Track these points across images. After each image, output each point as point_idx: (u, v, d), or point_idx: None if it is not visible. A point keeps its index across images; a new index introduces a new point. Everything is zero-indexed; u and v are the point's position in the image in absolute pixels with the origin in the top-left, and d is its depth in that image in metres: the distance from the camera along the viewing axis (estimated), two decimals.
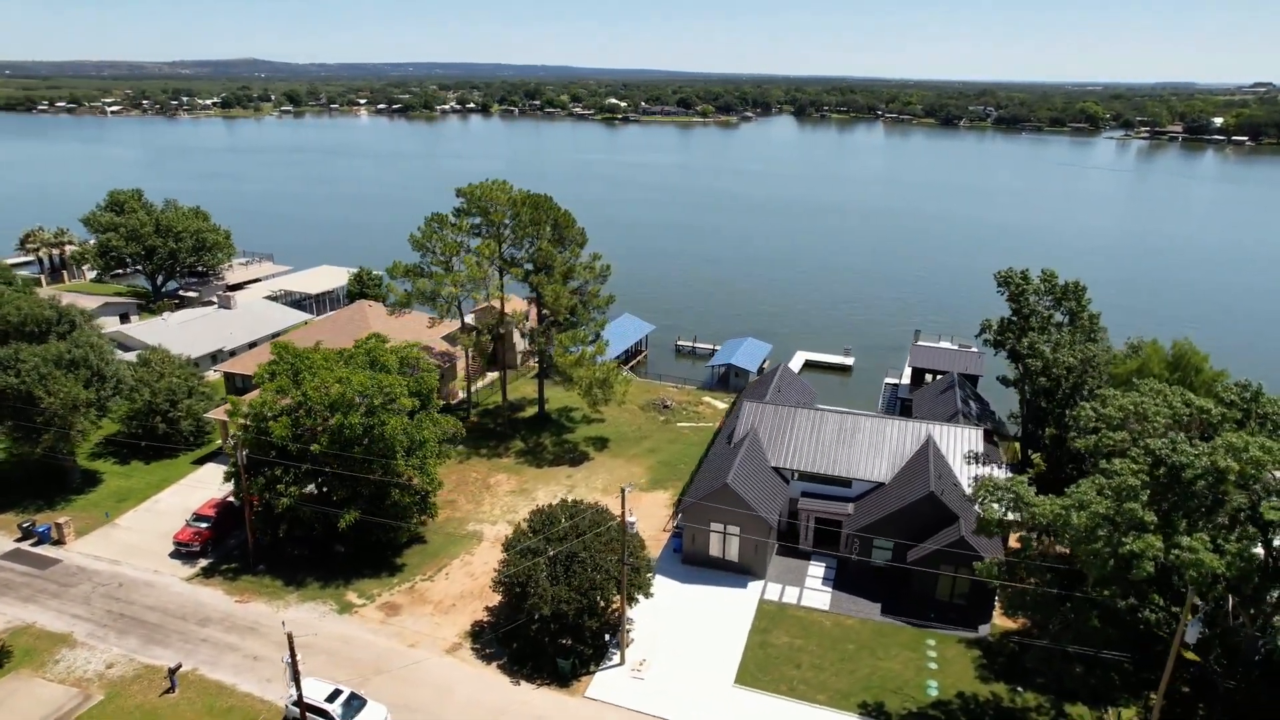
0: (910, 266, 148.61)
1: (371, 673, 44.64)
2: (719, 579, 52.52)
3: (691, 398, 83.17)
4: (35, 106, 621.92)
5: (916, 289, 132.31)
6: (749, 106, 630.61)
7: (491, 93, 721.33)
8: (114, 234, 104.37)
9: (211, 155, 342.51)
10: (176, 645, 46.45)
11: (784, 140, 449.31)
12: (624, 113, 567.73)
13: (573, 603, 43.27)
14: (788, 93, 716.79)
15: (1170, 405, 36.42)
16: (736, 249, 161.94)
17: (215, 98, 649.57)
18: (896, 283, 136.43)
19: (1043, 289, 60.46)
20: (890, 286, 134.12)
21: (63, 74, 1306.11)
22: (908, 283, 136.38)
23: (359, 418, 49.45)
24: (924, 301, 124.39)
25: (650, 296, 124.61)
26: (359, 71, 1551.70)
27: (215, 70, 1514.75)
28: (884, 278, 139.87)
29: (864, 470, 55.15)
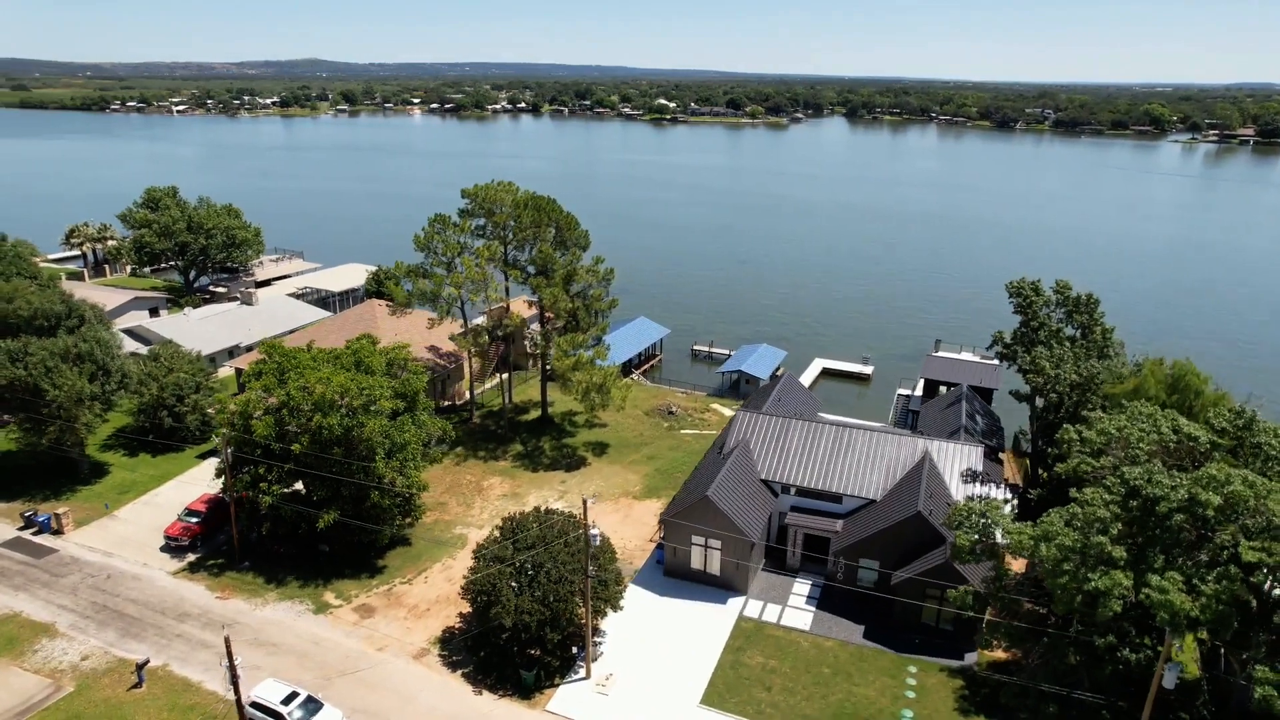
0: (945, 272, 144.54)
1: (336, 675, 44.52)
2: (699, 593, 51.21)
3: (699, 404, 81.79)
4: (109, 106, 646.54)
5: (948, 296, 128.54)
6: (800, 108, 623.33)
7: (543, 93, 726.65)
8: (147, 230, 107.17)
9: (264, 153, 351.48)
10: (152, 640, 46.98)
11: (832, 142, 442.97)
12: (672, 113, 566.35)
13: (535, 614, 42.52)
14: (840, 94, 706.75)
15: (1158, 431, 34.01)
16: (768, 251, 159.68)
17: (274, 97, 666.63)
18: (929, 289, 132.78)
19: (1054, 301, 57.59)
20: (922, 293, 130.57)
21: (138, 75, 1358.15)
22: (941, 289, 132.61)
23: (337, 419, 49.43)
24: (954, 309, 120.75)
25: (674, 299, 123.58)
26: (417, 71, 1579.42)
27: (279, 70, 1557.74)
28: (917, 284, 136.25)
29: (856, 486, 53.27)
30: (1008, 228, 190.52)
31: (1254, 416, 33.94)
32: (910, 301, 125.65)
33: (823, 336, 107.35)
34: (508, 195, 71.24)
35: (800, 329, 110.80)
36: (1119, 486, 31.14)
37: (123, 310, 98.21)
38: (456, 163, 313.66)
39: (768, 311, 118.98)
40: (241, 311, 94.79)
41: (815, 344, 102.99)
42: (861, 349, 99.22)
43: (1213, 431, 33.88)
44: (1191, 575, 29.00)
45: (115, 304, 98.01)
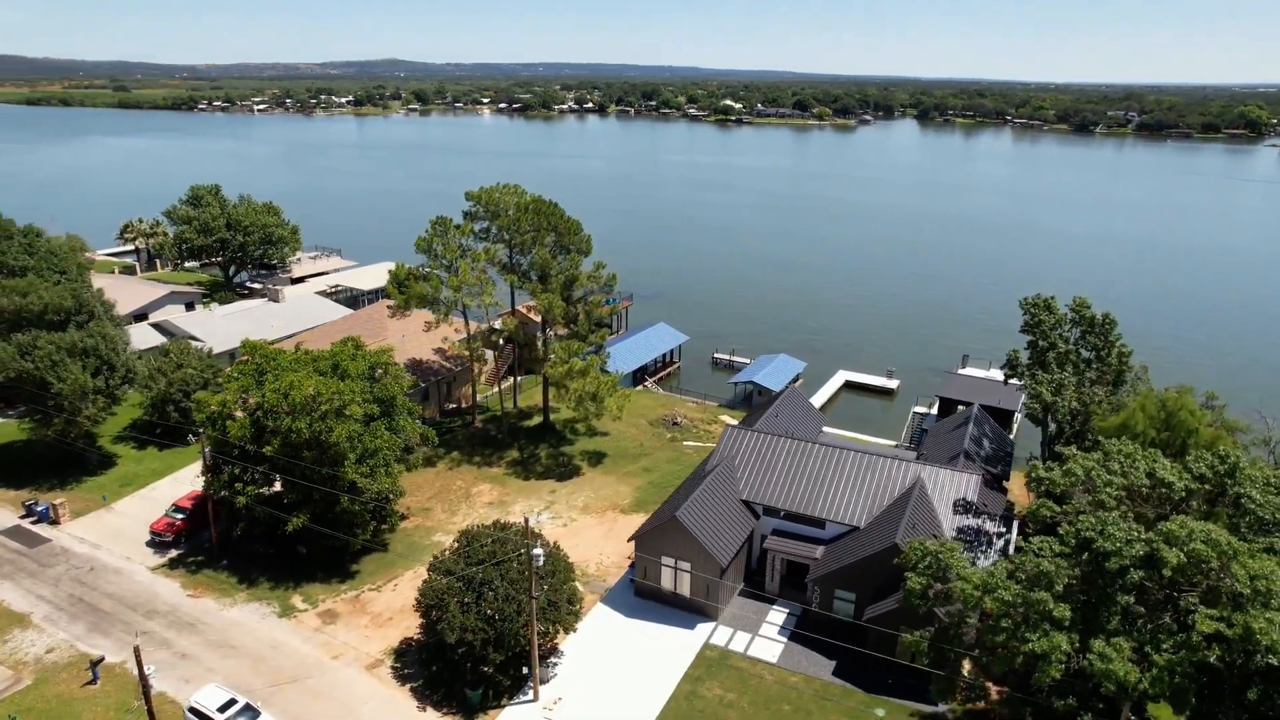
0: (995, 283, 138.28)
1: (287, 681, 44.14)
2: (667, 616, 49.24)
3: (707, 415, 79.54)
4: (196, 105, 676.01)
5: (993, 309, 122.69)
6: (870, 109, 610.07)
7: (610, 93, 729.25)
8: (188, 227, 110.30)
9: (329, 151, 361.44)
10: (117, 636, 47.47)
11: (899, 145, 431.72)
12: (737, 114, 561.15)
13: (479, 632, 41.29)
14: (912, 95, 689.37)
15: (1129, 474, 30.63)
16: (812, 256, 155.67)
17: (349, 96, 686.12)
18: (973, 301, 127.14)
19: (1067, 320, 53.49)
20: (965, 305, 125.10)
21: (229, 76, 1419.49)
22: (986, 302, 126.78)
23: (305, 423, 49.17)
24: (994, 324, 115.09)
25: (705, 304, 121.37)
26: (491, 71, 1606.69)
27: (359, 70, 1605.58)
28: (961, 294, 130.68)
29: (840, 511, 50.49)
30: (1074, 237, 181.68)
31: (1237, 463, 30.20)
32: (950, 313, 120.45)
33: (852, 346, 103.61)
34: (512, 198, 70.44)
35: (831, 338, 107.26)
36: (1072, 536, 28.07)
37: (159, 304, 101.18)
38: (516, 162, 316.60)
39: (799, 319, 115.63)
40: (268, 308, 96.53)
41: (843, 354, 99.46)
42: (892, 361, 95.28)
43: (1191, 477, 30.33)
44: (1147, 642, 25.82)
45: (153, 298, 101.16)
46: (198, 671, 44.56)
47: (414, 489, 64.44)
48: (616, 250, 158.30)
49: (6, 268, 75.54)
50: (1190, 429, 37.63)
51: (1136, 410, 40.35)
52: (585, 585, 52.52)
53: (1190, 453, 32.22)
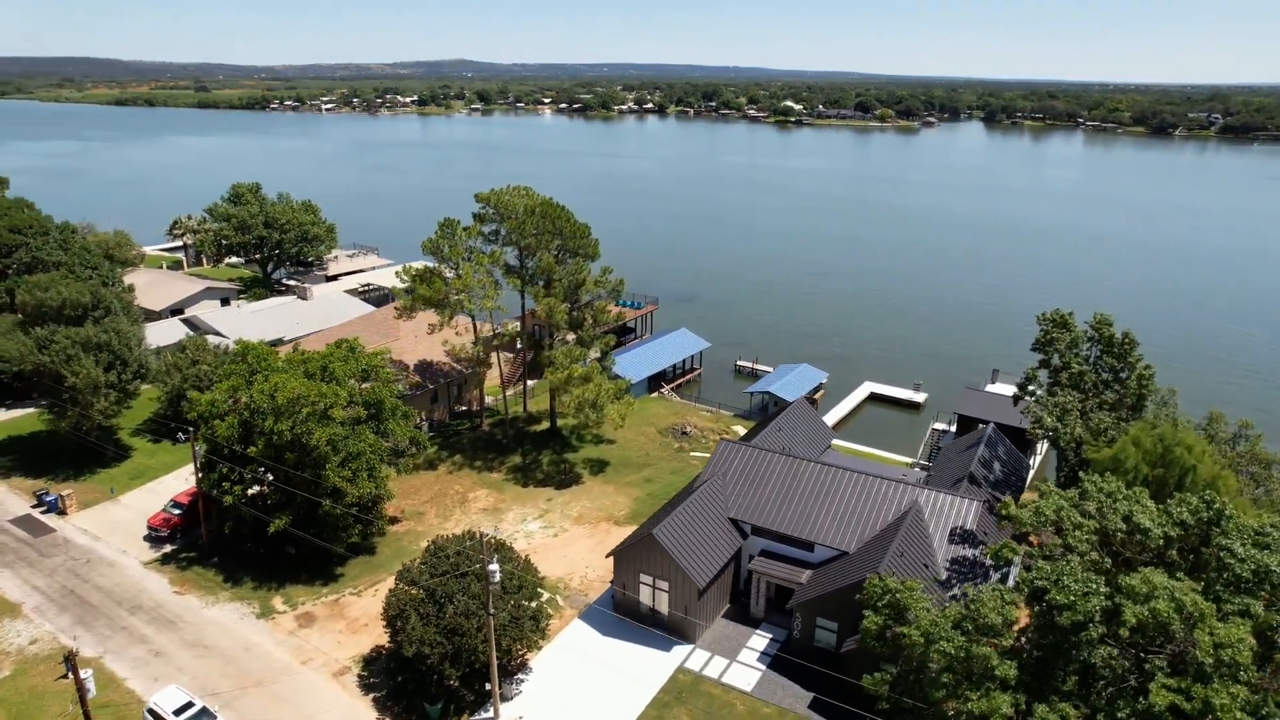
0: (1042, 294, 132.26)
1: (253, 685, 43.98)
2: (644, 637, 47.59)
3: (720, 425, 77.48)
4: (269, 105, 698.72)
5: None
6: (934, 111, 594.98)
7: (670, 94, 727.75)
8: (226, 224, 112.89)
9: (387, 149, 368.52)
10: (99, 630, 48.09)
11: (960, 147, 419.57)
12: (797, 115, 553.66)
13: (437, 646, 40.37)
14: (980, 97, 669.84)
15: (1106, 516, 27.85)
16: (851, 260, 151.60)
17: (413, 96, 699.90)
18: (1017, 311, 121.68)
19: (1084, 338, 49.92)
20: (1007, 315, 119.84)
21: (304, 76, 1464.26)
22: (1031, 312, 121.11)
23: (287, 425, 49.07)
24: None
25: (731, 310, 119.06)
26: (556, 71, 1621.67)
27: (428, 70, 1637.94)
28: (1005, 304, 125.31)
29: (830, 534, 48.11)
30: (1144, 247, 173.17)
31: (1221, 510, 27.09)
32: (992, 325, 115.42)
33: (882, 357, 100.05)
34: (521, 201, 69.69)
35: (861, 347, 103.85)
36: (1027, 584, 25.55)
37: (195, 300, 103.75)
38: (569, 161, 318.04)
39: (831, 326, 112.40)
40: (296, 306, 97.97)
41: (871, 365, 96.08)
42: (922, 373, 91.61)
43: (1172, 523, 27.36)
44: (1101, 709, 23.24)
45: (189, 293, 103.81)
46: (168, 671, 44.74)
47: (411, 492, 64.26)
48: (652, 252, 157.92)
49: (41, 263, 78.02)
50: (1186, 466, 34.12)
51: (1128, 443, 36.93)
52: (565, 599, 51.35)
53: (1175, 495, 28.99)
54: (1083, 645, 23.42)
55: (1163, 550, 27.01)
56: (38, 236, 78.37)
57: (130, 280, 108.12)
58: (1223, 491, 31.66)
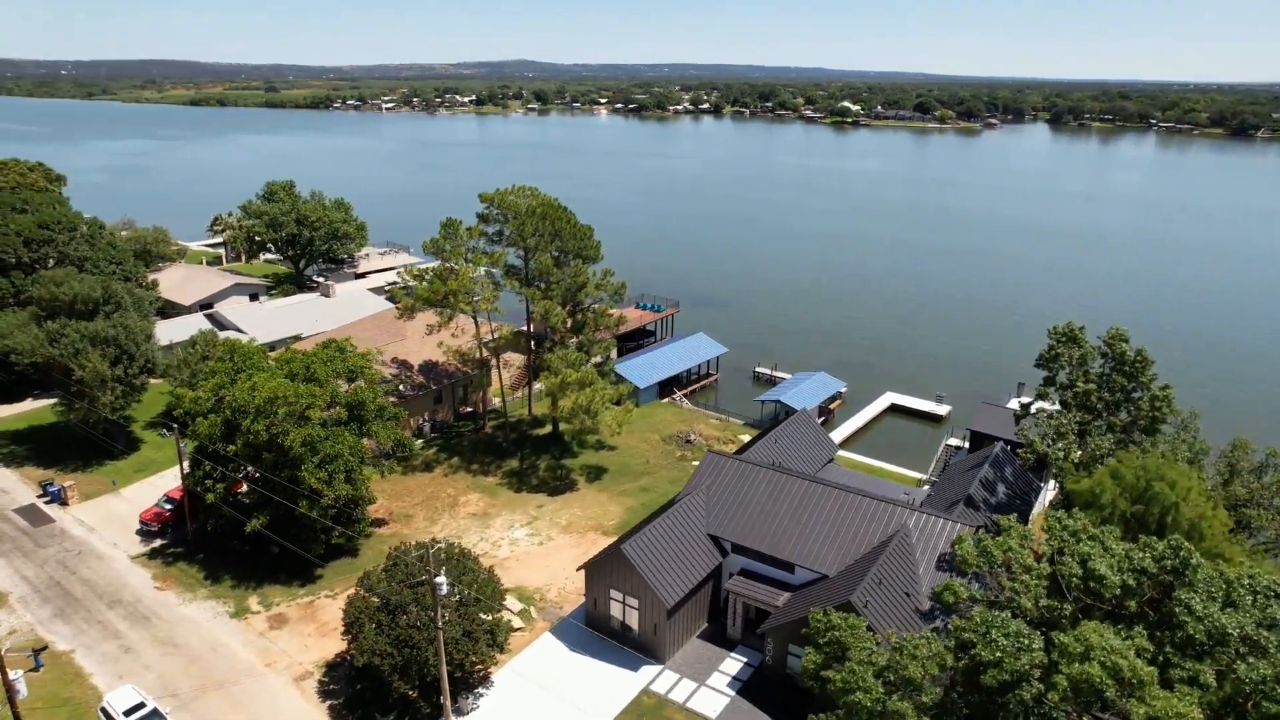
0: (1090, 302, 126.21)
1: (213, 687, 43.74)
2: (613, 654, 45.96)
3: (727, 434, 75.27)
4: (331, 105, 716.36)
5: None
6: (997, 112, 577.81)
7: (726, 94, 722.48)
8: (258, 221, 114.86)
9: (439, 148, 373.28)
10: (77, 623, 48.55)
11: (1020, 149, 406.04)
12: (854, 117, 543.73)
13: (387, 657, 39.43)
14: (1047, 98, 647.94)
15: (1064, 559, 25.14)
16: (888, 264, 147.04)
17: (471, 96, 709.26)
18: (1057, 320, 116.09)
19: (1094, 354, 46.37)
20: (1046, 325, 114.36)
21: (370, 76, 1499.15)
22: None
23: (263, 425, 48.84)
24: None
25: (756, 314, 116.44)
26: (615, 72, 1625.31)
27: (490, 71, 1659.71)
28: (1047, 313, 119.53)
29: (811, 556, 45.77)
30: (1202, 252, 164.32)
31: (1188, 558, 24.08)
32: (1029, 336, 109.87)
33: (908, 366, 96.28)
34: (525, 201, 68.68)
35: (888, 355, 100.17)
36: (954, 635, 23.12)
37: (224, 295, 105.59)
38: (616, 162, 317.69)
39: (860, 333, 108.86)
40: (317, 303, 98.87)
41: (895, 374, 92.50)
42: (947, 384, 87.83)
43: (1132, 571, 24.46)
44: None
45: (218, 289, 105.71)
46: (134, 668, 44.83)
47: (404, 493, 63.81)
48: (684, 254, 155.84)
49: (68, 258, 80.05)
50: (1168, 503, 30.65)
51: (1105, 476, 33.55)
52: (540, 611, 50.06)
53: (1141, 539, 25.86)
54: (1011, 708, 20.91)
55: (1120, 601, 24.19)
56: (65, 232, 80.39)
57: (165, 275, 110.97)
58: (1207, 534, 28.41)
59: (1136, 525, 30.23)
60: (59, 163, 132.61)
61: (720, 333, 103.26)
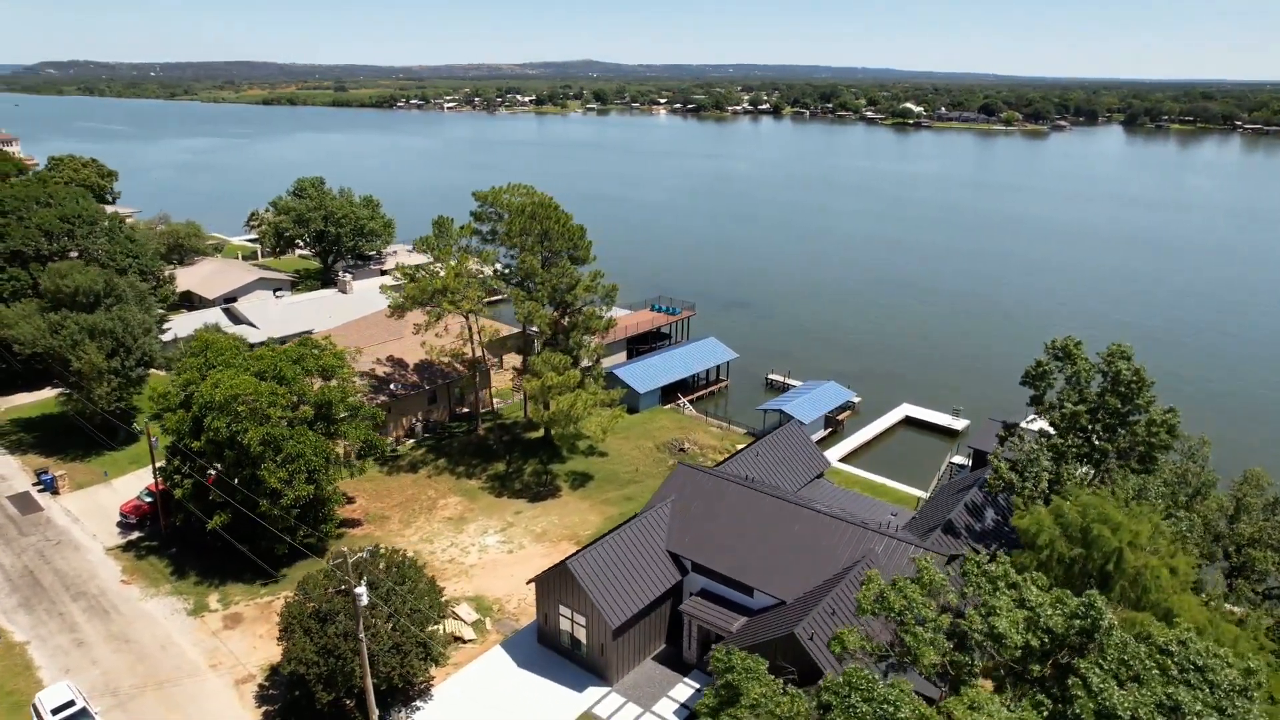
0: (1138, 313, 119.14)
1: (153, 686, 43.31)
2: (561, 673, 44.05)
3: (725, 443, 72.59)
4: (395, 104, 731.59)
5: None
6: (1068, 114, 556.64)
7: (787, 94, 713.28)
8: (285, 217, 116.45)
9: (493, 147, 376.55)
10: (39, 614, 48.84)
11: (1092, 152, 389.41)
12: (916, 118, 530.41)
13: (313, 666, 38.28)
14: (1123, 99, 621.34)
15: (970, 612, 22.19)
16: (923, 268, 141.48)
17: (531, 95, 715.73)
18: (1102, 333, 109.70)
19: (1091, 373, 42.38)
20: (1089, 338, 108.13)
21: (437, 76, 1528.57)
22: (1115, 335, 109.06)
23: (223, 421, 48.40)
24: None
25: (777, 319, 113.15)
26: (679, 72, 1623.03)
27: (555, 71, 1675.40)
28: (1091, 325, 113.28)
29: (771, 580, 43.08)
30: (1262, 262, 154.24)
31: (1099, 619, 20.75)
32: None
33: (931, 377, 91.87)
34: (521, 199, 67.32)
35: (910, 365, 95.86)
36: (819, 694, 20.48)
37: (247, 290, 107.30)
38: (663, 161, 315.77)
39: (882, 341, 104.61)
40: (333, 299, 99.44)
41: (914, 385, 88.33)
42: (972, 397, 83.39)
43: (1037, 631, 21.28)
44: None
45: (242, 283, 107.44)
46: (82, 663, 44.75)
47: (384, 494, 63.06)
48: (710, 256, 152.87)
49: (86, 251, 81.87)
50: (1109, 549, 26.85)
51: (1043, 514, 29.74)
52: (495, 623, 48.48)
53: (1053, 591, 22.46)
54: None
55: (1023, 663, 21.12)
56: (84, 225, 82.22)
57: (194, 270, 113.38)
58: (1153, 585, 24.89)
59: (1079, 572, 26.82)
60: (131, 159, 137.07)
61: (739, 337, 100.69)
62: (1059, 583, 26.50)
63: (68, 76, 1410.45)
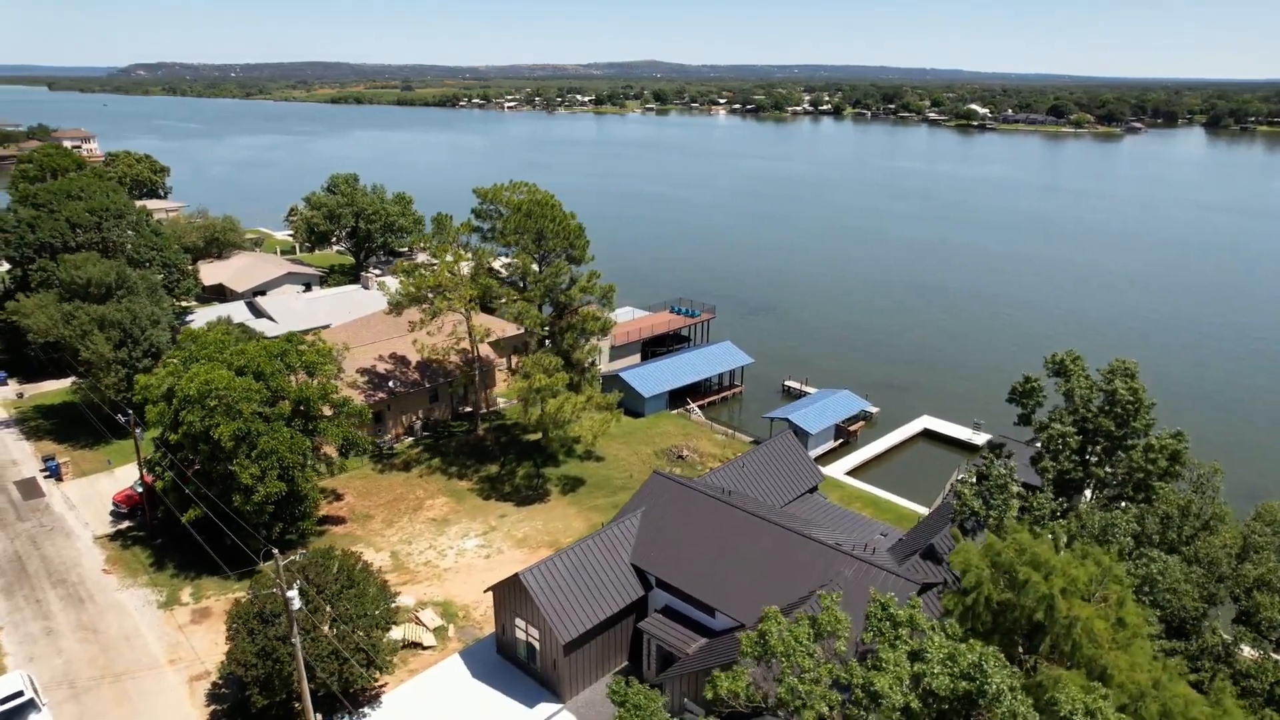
0: (1201, 332, 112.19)
1: (110, 679, 43.34)
2: (514, 687, 42.59)
3: (728, 452, 70.18)
4: (457, 103, 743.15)
5: (1166, 358, 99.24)
6: (1145, 115, 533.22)
7: (849, 95, 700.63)
8: (317, 213, 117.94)
9: (549, 146, 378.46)
10: (17, 600, 49.55)
11: (1168, 156, 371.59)
12: (980, 120, 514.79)
13: (251, 668, 37.60)
14: (1207, 100, 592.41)
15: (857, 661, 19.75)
16: (964, 276, 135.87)
17: (591, 95, 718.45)
18: (1152, 347, 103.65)
19: (1089, 392, 38.83)
20: (1140, 352, 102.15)
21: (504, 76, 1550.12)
22: (1165, 350, 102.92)
23: (196, 415, 48.34)
24: (1166, 380, 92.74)
25: (802, 324, 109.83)
26: (743, 73, 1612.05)
27: (619, 71, 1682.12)
28: (1144, 340, 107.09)
29: (732, 601, 40.82)
30: None
31: (984, 684, 17.98)
32: None
33: (958, 389, 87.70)
34: (522, 197, 66.20)
35: (938, 376, 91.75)
36: None
37: (277, 284, 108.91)
38: (713, 162, 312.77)
39: (911, 349, 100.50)
40: (353, 295, 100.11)
41: (937, 397, 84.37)
42: (996, 410, 79.05)
43: (918, 693, 18.67)
44: None
45: (271, 277, 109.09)
46: (48, 652, 45.11)
47: (372, 492, 62.66)
48: (745, 257, 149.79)
49: (111, 244, 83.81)
50: (1040, 595, 23.43)
51: (972, 553, 26.34)
52: (458, 630, 47.32)
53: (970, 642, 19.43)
54: None
55: None
56: (111, 219, 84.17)
57: (229, 263, 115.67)
58: (1083, 641, 21.78)
59: (1010, 620, 23.72)
60: (197, 155, 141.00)
61: (761, 342, 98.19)
62: (987, 631, 23.75)
63: (156, 78, 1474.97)
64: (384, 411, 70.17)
